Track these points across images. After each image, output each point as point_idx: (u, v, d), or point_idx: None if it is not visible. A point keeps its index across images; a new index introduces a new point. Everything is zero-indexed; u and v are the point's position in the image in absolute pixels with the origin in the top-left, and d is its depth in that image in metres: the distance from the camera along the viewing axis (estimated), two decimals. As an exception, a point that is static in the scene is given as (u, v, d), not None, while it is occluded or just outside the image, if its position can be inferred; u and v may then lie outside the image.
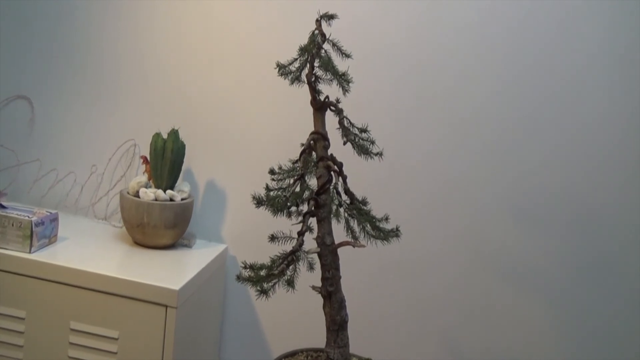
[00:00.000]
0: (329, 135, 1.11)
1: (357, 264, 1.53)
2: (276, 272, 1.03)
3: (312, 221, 1.08)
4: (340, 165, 1.10)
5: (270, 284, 1.03)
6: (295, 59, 1.09)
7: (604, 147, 1.43)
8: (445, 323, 1.53)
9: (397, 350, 1.55)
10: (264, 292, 1.03)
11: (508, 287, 1.50)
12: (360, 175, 1.45)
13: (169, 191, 1.41)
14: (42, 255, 1.24)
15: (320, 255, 1.08)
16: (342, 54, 1.09)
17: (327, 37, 1.08)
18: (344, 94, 1.07)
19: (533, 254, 1.48)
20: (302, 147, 1.11)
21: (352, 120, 1.12)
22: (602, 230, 1.45)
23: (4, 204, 1.32)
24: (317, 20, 1.09)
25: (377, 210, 1.12)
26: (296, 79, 1.09)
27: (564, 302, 1.48)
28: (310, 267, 1.10)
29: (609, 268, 1.46)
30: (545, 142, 1.45)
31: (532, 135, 1.45)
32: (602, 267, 1.46)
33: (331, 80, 1.07)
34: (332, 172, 1.09)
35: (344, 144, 1.11)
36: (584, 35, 1.41)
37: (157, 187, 1.43)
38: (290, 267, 1.05)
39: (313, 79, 1.08)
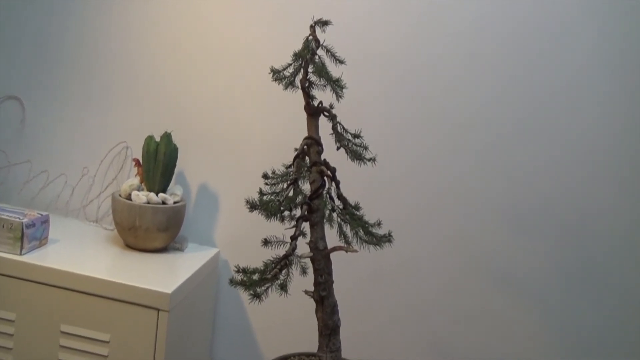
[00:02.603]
0: (323, 141, 1.13)
1: (349, 268, 1.55)
2: (269, 276, 1.04)
3: (305, 226, 1.09)
4: (333, 170, 1.11)
5: (263, 288, 1.04)
6: (290, 64, 1.10)
7: (599, 152, 1.46)
8: (438, 327, 1.55)
9: (389, 355, 1.57)
10: (256, 296, 1.04)
11: (500, 292, 1.52)
12: (353, 181, 1.46)
13: (161, 194, 1.42)
14: (32, 257, 1.25)
15: (313, 260, 1.09)
16: (336, 60, 1.11)
17: (321, 43, 1.10)
18: (338, 99, 1.08)
19: (526, 258, 1.51)
20: (296, 152, 1.12)
21: (345, 126, 1.14)
22: (596, 235, 1.48)
23: (-6, 205, 1.33)
24: (311, 27, 1.11)
25: (369, 215, 1.14)
26: (290, 84, 1.10)
27: (557, 307, 1.51)
28: (303, 271, 1.11)
29: (602, 273, 1.48)
30: (539, 147, 1.47)
31: (526, 140, 1.48)
32: (595, 272, 1.49)
33: (325, 86, 1.09)
34: (325, 177, 1.10)
35: (337, 149, 1.13)
36: (578, 41, 1.44)
37: (149, 190, 1.44)
38: (283, 272, 1.05)
39: (307, 85, 1.09)
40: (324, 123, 1.14)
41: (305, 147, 1.12)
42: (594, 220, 1.47)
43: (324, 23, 1.11)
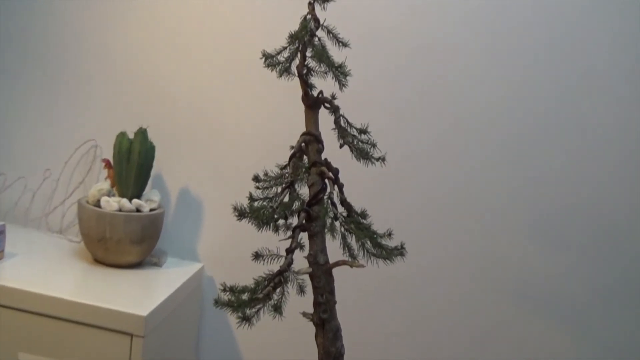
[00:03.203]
0: (323, 137, 1.10)
1: (354, 286, 1.54)
2: (261, 295, 1.02)
3: (303, 237, 1.07)
4: (336, 171, 1.09)
5: (253, 309, 1.02)
6: (285, 48, 1.08)
7: (631, 150, 1.46)
8: (454, 353, 1.55)
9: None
10: (246, 319, 1.01)
11: (522, 309, 1.52)
12: (359, 184, 1.45)
13: (135, 200, 1.40)
14: (-15, 275, 1.23)
15: (312, 277, 1.07)
16: (339, 42, 1.08)
17: (321, 22, 1.07)
18: (341, 88, 1.06)
19: (550, 270, 1.51)
20: (292, 151, 1.10)
21: (350, 120, 1.11)
22: (628, 243, 1.48)
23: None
24: (309, 4, 1.08)
25: (378, 224, 1.11)
26: (285, 70, 1.07)
27: (585, 324, 1.51)
28: (301, 290, 1.08)
29: (634, 285, 1.48)
30: (563, 144, 1.48)
31: (548, 136, 1.48)
32: (629, 285, 1.48)
33: (326, 73, 1.06)
34: (326, 180, 1.08)
35: (341, 146, 1.09)
36: (606, 27, 1.44)
37: (122, 195, 1.42)
38: (278, 290, 1.03)
39: (305, 71, 1.07)
40: (324, 116, 1.11)
41: (303, 144, 1.09)
42: (628, 226, 1.48)
43: (324, -1, 1.08)
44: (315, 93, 1.09)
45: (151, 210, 1.42)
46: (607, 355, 1.50)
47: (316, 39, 1.07)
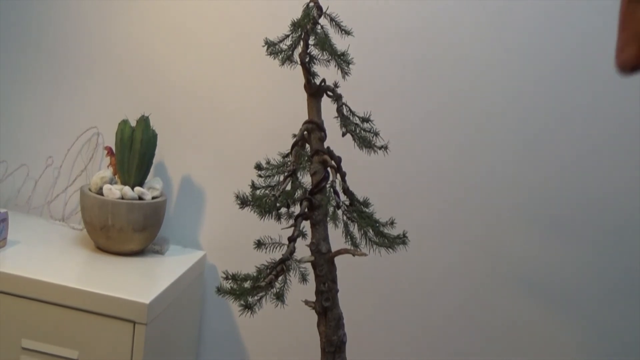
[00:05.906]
0: (326, 125, 1.11)
1: (357, 275, 1.54)
2: (263, 283, 1.03)
3: (306, 225, 1.08)
4: (338, 160, 1.10)
5: (256, 297, 1.03)
6: (287, 36, 1.08)
7: None
8: (460, 345, 1.54)
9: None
10: (248, 306, 1.02)
11: (533, 306, 1.51)
12: (361, 172, 1.45)
13: (137, 188, 1.41)
14: (-12, 262, 1.24)
15: (314, 265, 1.08)
16: (342, 30, 1.09)
17: (324, 10, 1.08)
18: (344, 77, 1.07)
19: (561, 267, 1.49)
20: (294, 139, 1.11)
21: (352, 108, 1.12)
22: None
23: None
24: None
25: (380, 213, 1.12)
26: (287, 58, 1.08)
27: (598, 322, 1.49)
28: (303, 278, 1.10)
29: None
30: (575, 138, 1.46)
31: (559, 130, 1.46)
32: None
33: (328, 61, 1.07)
34: (328, 168, 1.08)
35: (343, 135, 1.11)
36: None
37: (124, 183, 1.43)
38: (280, 279, 1.04)
39: (307, 59, 1.08)
40: (327, 105, 1.12)
41: (305, 132, 1.10)
42: (635, 222, 1.46)
43: (327, -13, 1.10)
44: (317, 81, 1.10)
45: (153, 198, 1.43)
46: (620, 350, 1.49)
47: (319, 26, 1.07)
